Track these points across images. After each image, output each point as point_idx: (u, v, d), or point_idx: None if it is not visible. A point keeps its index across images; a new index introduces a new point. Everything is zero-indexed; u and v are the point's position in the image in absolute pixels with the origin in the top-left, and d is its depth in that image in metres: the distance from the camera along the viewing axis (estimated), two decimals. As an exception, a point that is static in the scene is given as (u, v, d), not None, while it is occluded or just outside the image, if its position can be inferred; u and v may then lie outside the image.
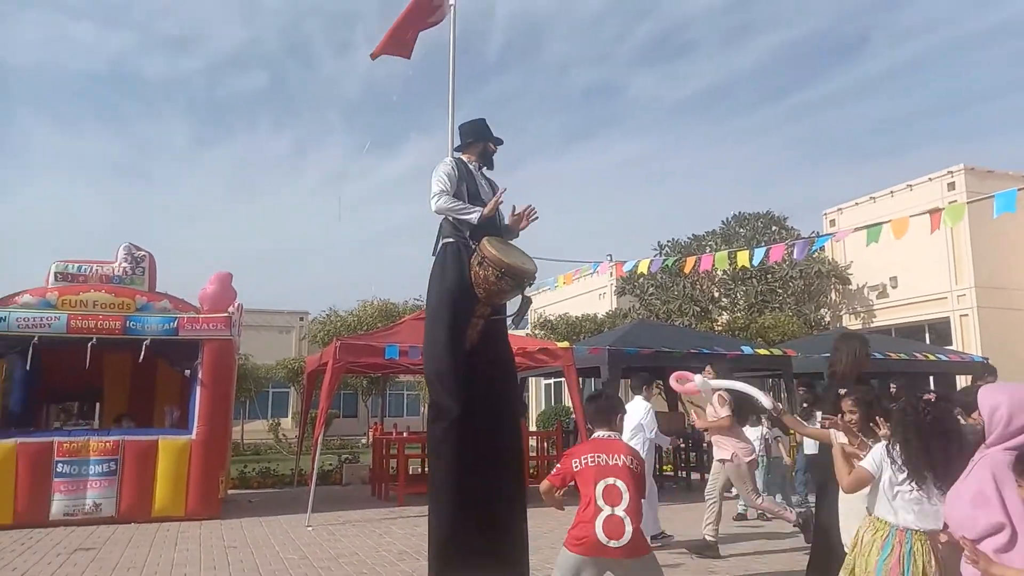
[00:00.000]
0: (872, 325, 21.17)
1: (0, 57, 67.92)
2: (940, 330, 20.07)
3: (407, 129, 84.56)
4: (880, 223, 6.54)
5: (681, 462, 12.79)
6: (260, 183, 75.89)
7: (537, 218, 4.93)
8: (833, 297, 22.67)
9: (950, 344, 18.89)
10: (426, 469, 8.30)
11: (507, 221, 4.99)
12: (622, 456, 3.61)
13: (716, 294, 21.66)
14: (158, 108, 75.24)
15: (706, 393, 5.57)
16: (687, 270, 9.20)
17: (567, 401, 18.57)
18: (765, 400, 4.84)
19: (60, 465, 8.36)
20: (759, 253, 9.81)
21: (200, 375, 9.09)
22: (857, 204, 22.35)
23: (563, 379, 11.59)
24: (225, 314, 9.39)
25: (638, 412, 6.94)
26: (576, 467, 3.62)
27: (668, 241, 23.54)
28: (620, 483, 3.51)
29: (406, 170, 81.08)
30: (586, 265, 11.13)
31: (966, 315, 19.31)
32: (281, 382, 25.62)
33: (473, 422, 4.50)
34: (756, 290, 20.91)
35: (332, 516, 8.94)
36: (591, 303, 25.88)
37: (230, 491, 10.75)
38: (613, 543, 3.44)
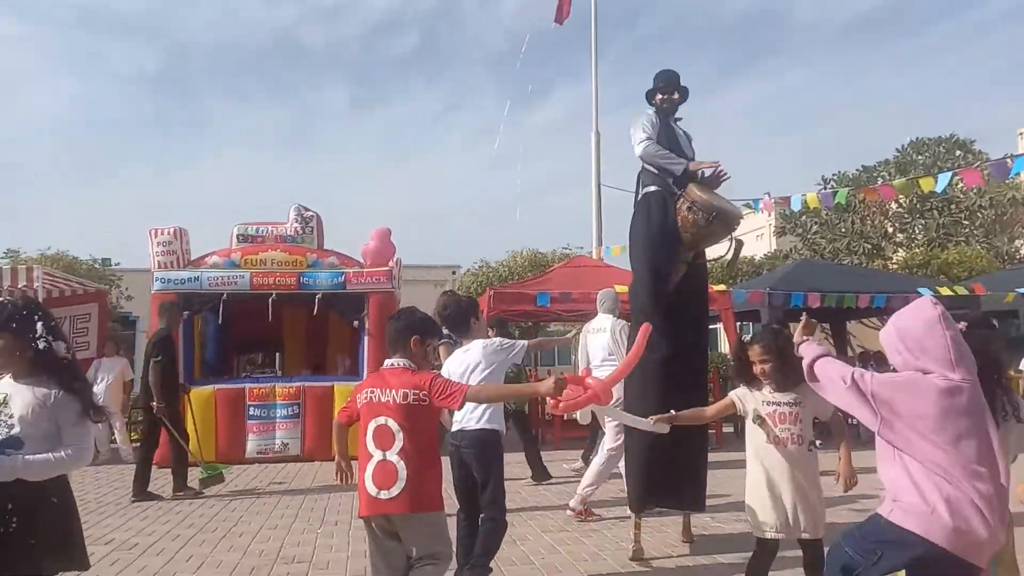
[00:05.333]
0: (1081, 257, 18.61)
1: (183, 40, 74.46)
2: None
3: (553, 78, 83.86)
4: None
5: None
6: (413, 141, 78.73)
7: (728, 177, 4.99)
8: (1031, 227, 20.11)
9: None
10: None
11: (707, 174, 5.03)
12: (395, 391, 3.02)
13: (890, 229, 19.90)
14: (319, 77, 79.57)
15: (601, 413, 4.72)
16: (867, 199, 8.45)
17: (724, 347, 17.97)
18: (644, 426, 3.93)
19: (252, 409, 9.25)
20: (944, 178, 8.83)
21: (367, 326, 9.64)
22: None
23: (719, 324, 11.16)
24: (386, 268, 9.86)
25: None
26: (359, 403, 3.15)
27: (834, 175, 21.82)
28: (392, 423, 2.99)
29: (552, 121, 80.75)
30: (744, 204, 10.56)
31: None
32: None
33: (676, 361, 4.64)
34: (937, 223, 18.97)
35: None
36: (748, 245, 24.68)
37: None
38: (383, 494, 2.94)
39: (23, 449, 2.50)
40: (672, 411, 3.65)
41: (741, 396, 3.57)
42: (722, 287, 10.68)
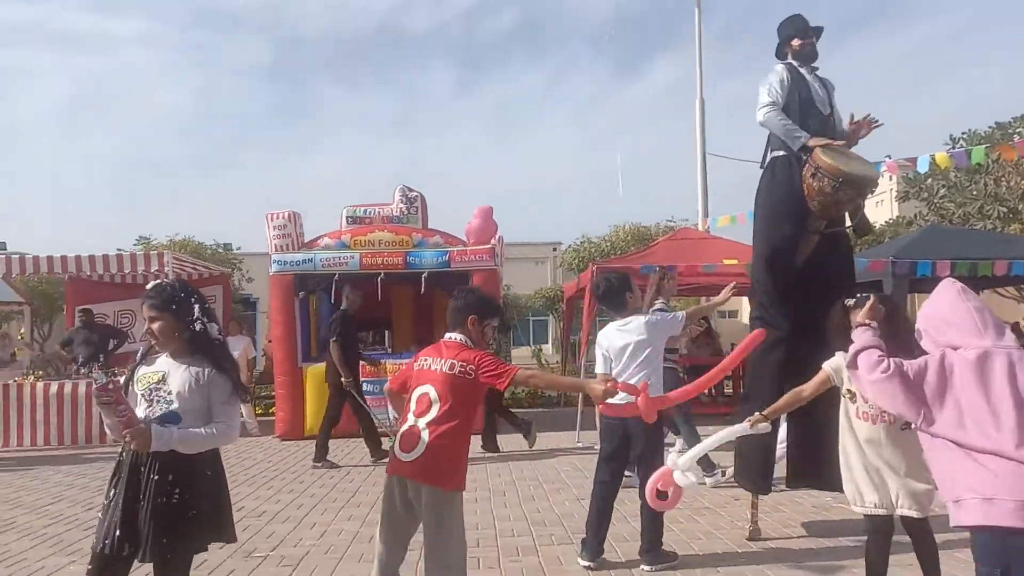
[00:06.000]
0: None
1: (297, 32, 77.52)
2: None
3: (655, 49, 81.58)
4: None
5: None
6: (515, 119, 78.87)
7: (880, 124, 4.56)
8: None
9: None
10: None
11: (844, 126, 4.65)
12: (445, 361, 3.03)
13: (1029, 191, 18.18)
14: (422, 60, 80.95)
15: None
16: (1003, 159, 7.75)
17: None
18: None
19: (364, 384, 9.58)
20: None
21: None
22: None
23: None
24: (489, 246, 9.95)
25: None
26: (414, 369, 3.17)
27: (964, 133, 20.13)
28: (433, 392, 2.99)
29: (655, 92, 78.79)
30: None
31: None
32: (539, 311, 26.70)
33: (800, 341, 4.34)
34: (1085, 182, 17.17)
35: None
36: (867, 212, 23.24)
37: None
38: (404, 456, 2.97)
39: (180, 424, 2.60)
40: (759, 412, 3.62)
41: (836, 368, 3.42)
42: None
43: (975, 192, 18.15)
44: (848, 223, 4.64)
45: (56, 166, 66.13)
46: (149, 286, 2.83)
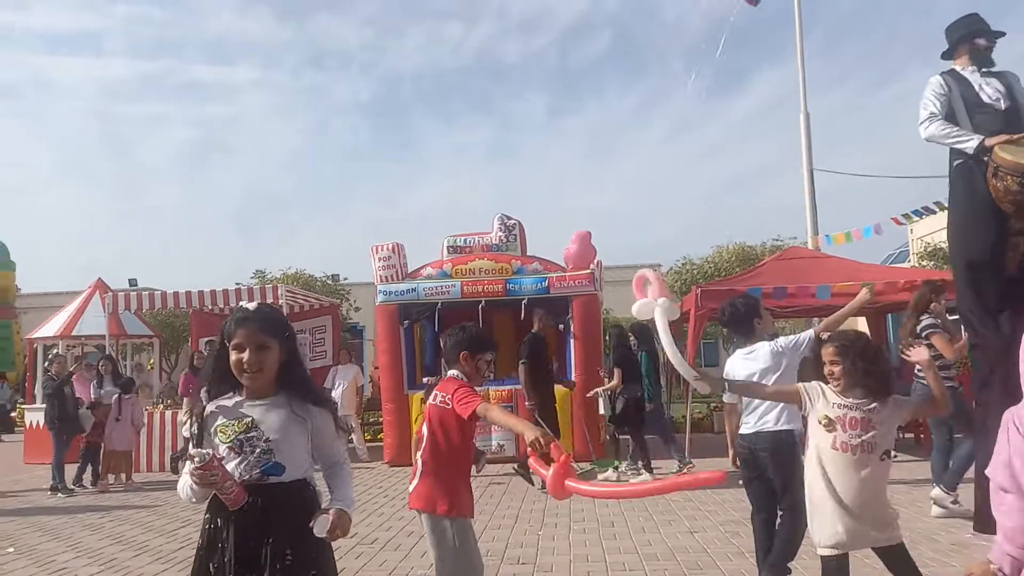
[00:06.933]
0: None
1: (397, 68, 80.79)
2: None
3: (757, 61, 79.52)
4: None
5: None
6: (612, 142, 78.66)
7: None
8: None
9: None
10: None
11: None
12: (436, 395, 3.23)
13: None
14: (518, 88, 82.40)
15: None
16: None
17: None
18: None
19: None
20: None
21: (572, 328, 9.70)
22: None
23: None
24: (588, 271, 9.89)
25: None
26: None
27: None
28: (426, 426, 3.22)
29: (757, 106, 76.70)
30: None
31: None
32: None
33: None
34: None
35: (709, 463, 8.89)
36: None
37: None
38: (410, 488, 3.24)
39: (284, 474, 2.23)
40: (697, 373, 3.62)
41: (809, 390, 3.18)
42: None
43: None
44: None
45: (181, 206, 71.47)
46: (248, 306, 2.36)
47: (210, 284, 10.76)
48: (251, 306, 2.36)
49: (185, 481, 2.22)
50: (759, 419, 3.91)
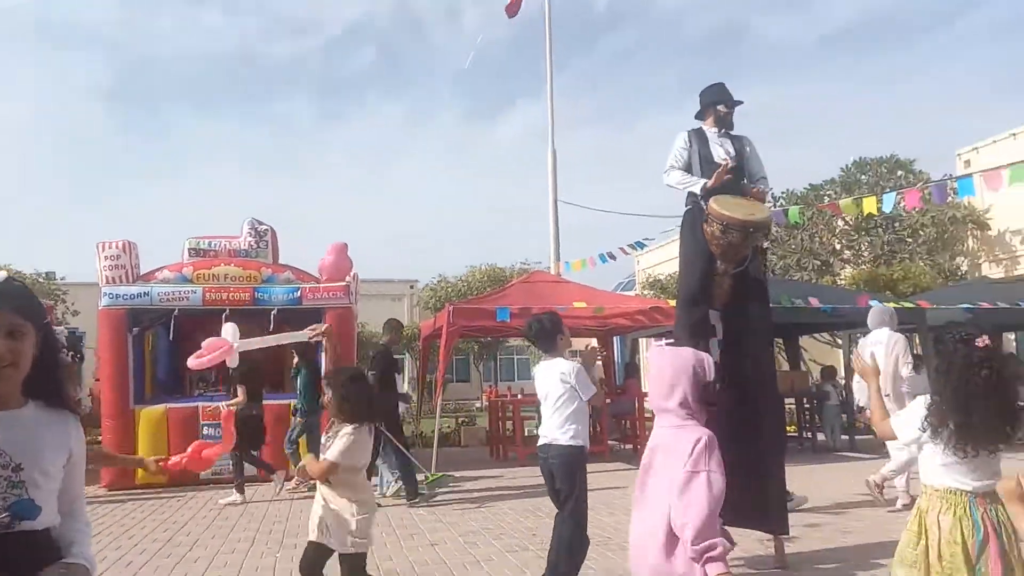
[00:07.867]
0: (1016, 273, 19.42)
1: (146, 52, 72.76)
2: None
3: (514, 96, 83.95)
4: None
5: (805, 422, 12.36)
6: (374, 159, 77.94)
7: (730, 166, 4.89)
8: (971, 245, 20.91)
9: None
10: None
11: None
12: None
13: (837, 246, 20.47)
14: (282, 89, 78.53)
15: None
16: (824, 211, 8.67)
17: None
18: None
19: (205, 428, 8.98)
20: (889, 199, 9.14)
21: (324, 343, 9.47)
22: (995, 142, 20.36)
23: (677, 338, 11.30)
24: (343, 283, 9.74)
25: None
26: None
27: (783, 192, 22.38)
28: None
29: (516, 136, 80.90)
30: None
31: None
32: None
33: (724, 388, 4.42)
34: (882, 240, 19.60)
35: (456, 474, 9.19)
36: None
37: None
38: None
39: (38, 518, 1.63)
40: None
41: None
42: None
43: (793, 246, 20.16)
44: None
45: None
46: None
47: None
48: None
49: None
50: (550, 433, 4.20)
